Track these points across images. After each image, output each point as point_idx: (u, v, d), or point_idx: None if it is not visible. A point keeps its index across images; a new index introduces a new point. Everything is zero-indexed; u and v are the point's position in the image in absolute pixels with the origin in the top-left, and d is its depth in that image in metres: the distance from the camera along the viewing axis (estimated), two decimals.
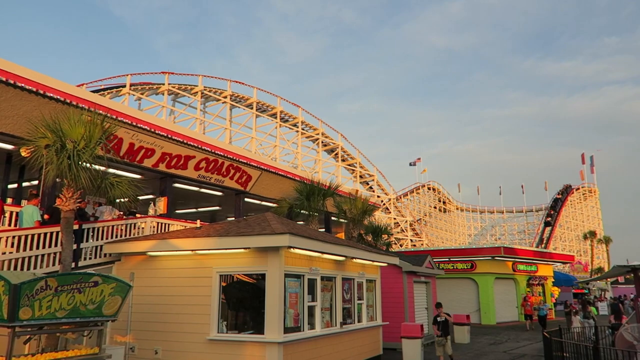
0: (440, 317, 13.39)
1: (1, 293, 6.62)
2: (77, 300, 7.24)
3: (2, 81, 10.92)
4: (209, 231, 10.98)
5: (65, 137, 9.03)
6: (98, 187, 9.75)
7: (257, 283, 10.21)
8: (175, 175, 16.53)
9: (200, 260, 10.55)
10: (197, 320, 10.13)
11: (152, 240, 10.98)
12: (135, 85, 38.18)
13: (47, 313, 6.92)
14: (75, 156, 8.93)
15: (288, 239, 9.46)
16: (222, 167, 18.05)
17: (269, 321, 9.55)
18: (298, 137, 48.57)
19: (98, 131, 9.41)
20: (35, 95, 11.63)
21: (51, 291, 6.91)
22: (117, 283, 7.88)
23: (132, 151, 14.51)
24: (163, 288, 10.77)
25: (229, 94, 42.81)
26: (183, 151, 16.15)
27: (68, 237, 9.37)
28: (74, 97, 12.47)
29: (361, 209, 20.76)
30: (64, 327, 7.75)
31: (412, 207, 69.61)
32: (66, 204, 9.32)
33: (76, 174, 8.99)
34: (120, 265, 11.60)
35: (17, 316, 6.56)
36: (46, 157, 8.88)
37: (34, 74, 11.74)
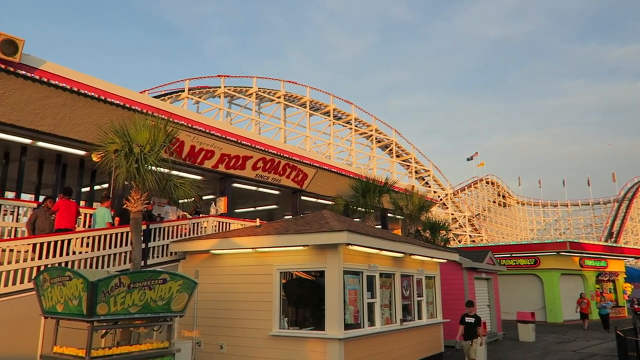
0: (469, 318, 11.78)
1: (80, 290, 7.07)
2: (148, 296, 7.61)
3: (75, 91, 11.64)
4: (268, 229, 11.22)
5: (132, 142, 9.51)
6: (163, 188, 10.18)
7: (316, 280, 10.32)
8: (234, 176, 16.98)
9: (260, 258, 10.80)
10: (259, 317, 10.38)
11: (215, 239, 11.36)
12: (193, 90, 39.47)
13: (121, 309, 7.31)
14: (142, 160, 9.37)
15: (346, 236, 9.50)
16: (278, 166, 18.35)
17: (329, 318, 9.63)
18: (351, 134, 48.52)
19: (162, 135, 9.83)
20: (103, 103, 12.30)
21: (124, 288, 7.31)
22: (184, 280, 8.21)
23: (193, 153, 15.05)
24: (226, 285, 11.11)
25: (282, 94, 43.40)
26: (241, 152, 16.56)
27: (137, 237, 9.86)
28: (138, 104, 13.08)
29: (418, 205, 20.49)
30: (137, 322, 8.18)
31: (470, 202, 67.76)
32: (134, 205, 9.82)
33: (143, 176, 9.44)
34: (185, 263, 12.08)
35: (95, 311, 6.98)
36: (115, 161, 9.38)
37: (102, 83, 12.42)
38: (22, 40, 10.31)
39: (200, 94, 39.98)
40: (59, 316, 7.60)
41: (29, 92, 10.91)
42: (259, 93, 42.21)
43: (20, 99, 10.84)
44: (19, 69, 10.59)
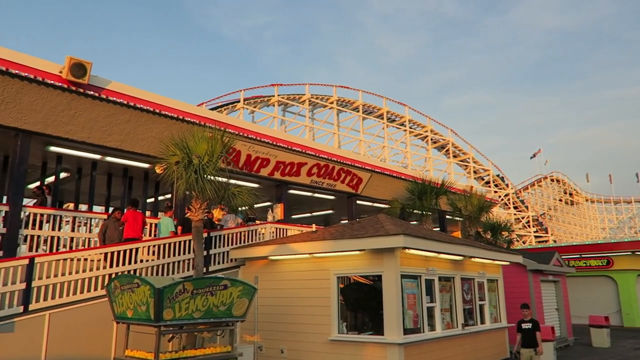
0: (525, 324, 10.50)
1: (148, 296, 7.44)
2: (210, 302, 7.90)
3: (138, 108, 12.28)
4: (324, 234, 11.32)
5: (192, 154, 9.91)
6: (222, 197, 10.53)
7: (374, 284, 10.29)
8: (289, 182, 17.25)
9: (317, 263, 10.91)
10: (318, 321, 10.47)
11: (272, 245, 11.59)
12: (248, 100, 40.48)
13: (185, 314, 7.64)
14: (201, 170, 9.74)
15: (402, 239, 9.42)
16: (332, 172, 18.46)
17: (387, 322, 9.57)
18: (406, 136, 47.95)
19: (219, 146, 10.17)
20: (164, 118, 12.90)
21: (188, 294, 7.62)
22: (244, 286, 8.44)
23: (250, 162, 15.45)
24: (285, 290, 11.30)
25: (335, 99, 43.63)
26: (295, 158, 16.81)
27: (199, 244, 10.25)
28: (196, 116, 13.61)
29: (477, 206, 19.93)
30: (201, 327, 8.51)
31: (534, 201, 64.98)
32: (195, 214, 10.21)
33: (202, 186, 9.80)
34: (245, 269, 12.40)
35: (161, 317, 7.33)
36: (176, 172, 9.81)
37: (162, 98, 13.04)
38: (90, 62, 11.02)
39: (255, 103, 40.93)
40: (129, 321, 8.04)
41: (97, 111, 11.63)
42: (311, 100, 42.65)
43: (89, 118, 11.58)
44: (87, 89, 11.32)
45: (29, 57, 10.57)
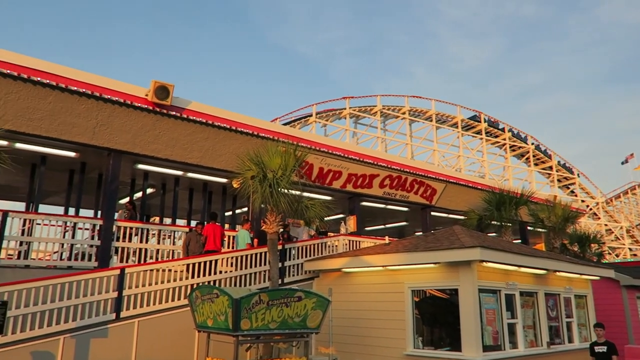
0: (599, 347, 9.22)
1: (226, 306, 7.74)
2: (285, 313, 8.05)
3: (216, 126, 12.91)
4: (397, 247, 11.19)
5: (266, 168, 10.23)
6: (295, 210, 10.75)
7: (450, 298, 10.00)
8: (361, 194, 17.26)
9: (391, 276, 10.79)
10: (393, 335, 10.32)
11: (346, 258, 11.63)
12: (320, 113, 41.12)
13: (262, 324, 7.84)
14: (275, 184, 10.01)
15: (479, 252, 9.10)
16: (405, 183, 18.24)
17: (465, 338, 9.24)
18: (482, 145, 46.33)
19: (292, 160, 10.42)
20: (240, 134, 13.45)
21: (264, 305, 7.83)
22: (317, 298, 8.53)
23: (322, 175, 15.66)
24: (358, 302, 11.27)
25: (407, 110, 43.19)
26: (367, 170, 16.81)
27: (274, 256, 10.51)
28: (270, 132, 14.06)
29: (562, 216, 18.79)
30: (276, 337, 8.69)
31: (627, 210, 60.07)
32: (270, 227, 10.50)
33: (277, 199, 10.07)
34: (319, 281, 12.52)
35: (239, 326, 7.59)
36: (252, 186, 10.16)
37: (238, 115, 13.62)
38: (172, 85, 11.76)
39: (327, 117, 41.48)
40: (209, 330, 8.39)
41: (179, 130, 12.37)
42: (383, 111, 42.50)
43: (172, 137, 12.34)
44: (170, 110, 12.08)
45: (118, 82, 11.48)
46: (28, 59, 10.17)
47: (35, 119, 10.43)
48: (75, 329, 8.84)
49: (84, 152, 11.88)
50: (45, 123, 10.56)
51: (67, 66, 10.72)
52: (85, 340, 8.88)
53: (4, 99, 9.91)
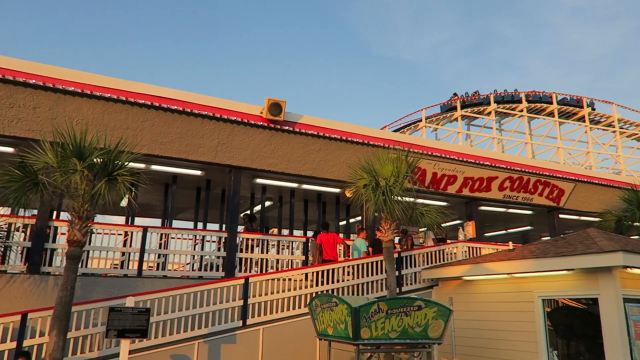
0: None
1: (345, 315, 7.79)
2: (405, 322, 7.88)
3: (327, 137, 13.19)
4: (523, 253, 10.44)
5: (378, 176, 10.18)
6: (410, 217, 10.55)
7: (588, 308, 9.06)
8: (479, 198, 16.46)
9: (517, 284, 10.08)
10: (523, 348, 9.60)
11: (466, 265, 11.12)
12: (429, 118, 40.18)
13: (381, 333, 7.75)
14: (388, 191, 9.92)
15: (621, 257, 8.14)
16: (528, 184, 17.04)
17: (610, 354, 8.29)
18: (616, 138, 41.77)
19: (404, 166, 10.26)
20: (350, 144, 13.60)
21: (383, 314, 7.75)
22: (438, 307, 8.23)
23: (436, 180, 15.21)
24: (482, 312, 10.69)
25: (524, 107, 40.50)
26: (484, 173, 16.00)
27: (390, 265, 10.38)
28: (380, 139, 14.02)
29: None
30: (397, 347, 8.54)
31: None
32: (385, 235, 10.40)
33: (390, 207, 9.96)
34: (438, 289, 12.11)
35: (359, 335, 7.58)
36: (365, 195, 10.17)
37: (347, 125, 13.80)
38: (284, 101, 12.27)
39: (437, 121, 40.41)
40: (330, 338, 8.49)
41: (292, 144, 12.83)
42: (497, 110, 40.31)
43: (286, 151, 12.84)
44: (283, 125, 12.60)
45: (236, 102, 12.24)
46: (159, 89, 11.27)
47: (166, 142, 11.49)
48: (207, 334, 9.51)
49: (208, 170, 12.83)
50: (175, 145, 11.58)
51: (190, 92, 11.70)
52: (216, 345, 9.50)
53: (140, 126, 11.07)
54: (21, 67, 9.85)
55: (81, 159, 7.77)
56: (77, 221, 7.83)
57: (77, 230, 7.78)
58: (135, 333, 7.60)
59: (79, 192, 7.87)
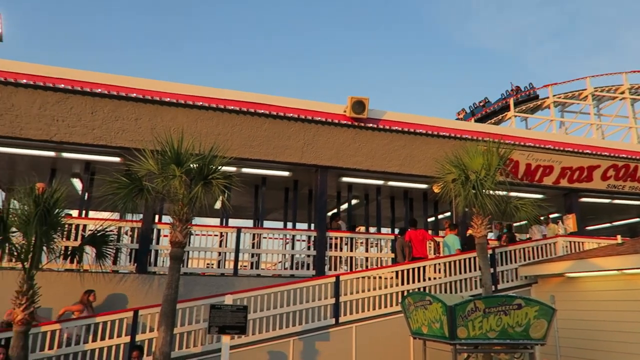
0: None
1: (440, 314, 7.59)
2: (504, 322, 7.53)
3: (412, 132, 12.97)
4: (635, 247, 9.57)
5: (467, 169, 9.81)
6: (503, 211, 10.07)
7: None
8: (579, 189, 15.33)
9: (631, 281, 9.25)
10: (637, 351, 8.80)
11: (568, 261, 10.41)
12: (517, 106, 38.13)
13: (479, 333, 7.47)
14: (479, 185, 9.53)
15: None
16: (635, 173, 15.59)
17: None
18: None
19: (495, 158, 9.81)
20: (436, 138, 13.25)
21: (480, 312, 7.46)
22: (540, 306, 7.77)
23: (530, 171, 14.39)
24: (587, 312, 9.94)
25: (626, 88, 37.21)
26: (584, 162, 14.88)
27: (484, 261, 9.96)
28: (467, 132, 13.51)
29: None
30: (496, 348, 8.17)
31: None
32: (477, 230, 10.00)
33: (482, 201, 9.56)
34: (537, 287, 11.46)
35: (455, 335, 7.36)
36: (454, 190, 9.85)
37: (432, 119, 13.46)
38: (367, 98, 12.22)
39: (526, 109, 38.26)
40: (425, 337, 8.33)
41: (377, 141, 12.75)
42: (595, 94, 37.37)
43: (371, 148, 12.78)
44: (367, 123, 12.55)
45: (319, 103, 12.38)
46: (246, 94, 11.69)
47: (255, 145, 11.89)
48: (301, 332, 9.72)
49: (295, 170, 13.10)
50: (263, 148, 11.95)
51: (275, 95, 12.02)
52: (311, 342, 9.69)
53: (230, 132, 11.56)
54: (123, 82, 10.66)
55: (179, 165, 8.25)
56: (178, 223, 8.33)
57: (179, 232, 8.28)
58: (235, 329, 7.96)
59: (178, 196, 8.38)
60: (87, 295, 9.31)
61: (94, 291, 9.41)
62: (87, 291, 9.37)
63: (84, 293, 9.33)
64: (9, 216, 7.85)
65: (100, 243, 9.05)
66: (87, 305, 9.25)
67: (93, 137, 10.71)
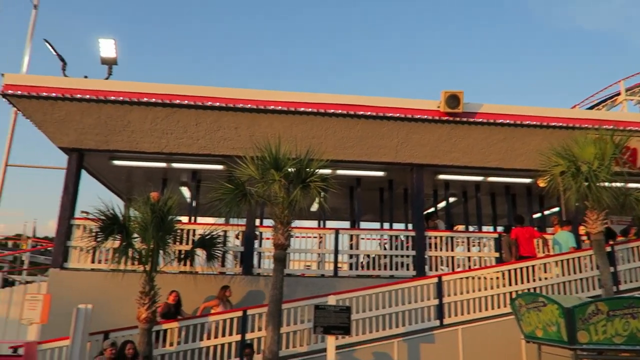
0: None
1: (556, 316, 7.09)
2: (633, 326, 6.86)
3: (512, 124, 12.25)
4: None
5: (577, 161, 9.10)
6: (622, 204, 9.23)
7: None
8: None
9: None
10: None
11: None
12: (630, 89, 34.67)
13: (603, 338, 6.87)
14: (592, 177, 8.80)
15: None
16: None
17: None
18: None
19: (609, 147, 9.02)
20: (539, 129, 12.39)
21: (603, 315, 6.86)
22: None
23: None
24: None
25: None
26: None
27: (602, 259, 9.15)
28: (575, 120, 12.49)
29: None
30: (623, 354, 7.46)
31: None
32: (593, 226, 9.22)
33: (597, 194, 8.83)
34: None
35: (575, 339, 6.84)
36: (562, 183, 9.18)
37: (535, 109, 12.59)
38: (462, 92, 11.76)
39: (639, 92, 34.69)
40: (539, 341, 7.82)
41: (474, 136, 12.24)
42: None
43: (468, 143, 12.29)
44: (462, 117, 12.09)
45: (412, 100, 12.11)
46: (337, 97, 11.72)
47: (348, 146, 11.94)
48: (405, 333, 9.58)
49: (389, 170, 12.98)
50: (357, 149, 11.97)
51: (366, 95, 11.98)
52: (415, 344, 9.52)
53: (324, 134, 11.72)
54: (223, 93, 11.19)
55: (278, 169, 8.54)
56: (280, 226, 8.62)
57: (281, 234, 8.56)
58: (339, 330, 8.04)
59: (278, 199, 8.67)
60: (224, 291, 9.97)
61: (229, 287, 10.05)
62: (223, 287, 10.04)
63: (220, 289, 10.04)
64: (130, 223, 8.62)
65: (210, 246, 9.63)
66: (223, 300, 9.86)
67: (198, 147, 11.40)
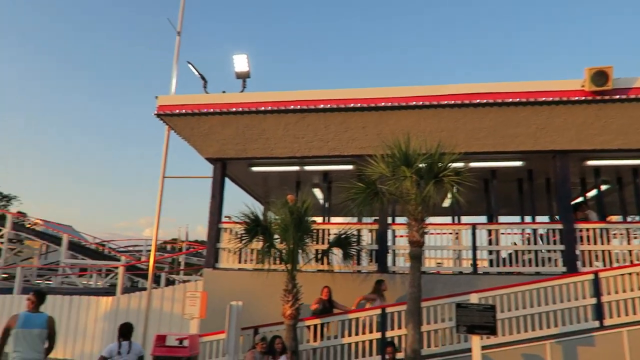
0: None
1: None
2: None
3: None
4: None
5: None
6: None
7: None
8: None
9: None
10: None
11: None
12: None
13: None
14: None
15: None
16: None
17: None
18: None
19: None
20: None
21: None
22: None
23: None
24: None
25: None
26: None
27: None
28: None
29: None
30: None
31: None
32: None
33: None
34: None
35: None
36: None
37: None
38: (611, 67, 10.48)
39: None
40: None
41: (628, 114, 10.83)
42: None
43: (621, 123, 10.92)
44: (612, 95, 10.78)
45: (549, 82, 11.10)
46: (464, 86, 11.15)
47: (481, 137, 11.35)
48: (558, 334, 8.81)
49: (528, 159, 12.08)
50: (490, 139, 11.34)
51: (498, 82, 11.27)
52: (570, 347, 8.71)
53: (453, 127, 11.28)
54: (349, 94, 11.35)
55: (408, 165, 8.41)
56: (414, 223, 8.48)
57: (415, 232, 8.42)
58: (484, 329, 7.66)
59: (410, 196, 8.54)
60: (379, 285, 10.16)
61: (384, 281, 10.23)
62: (378, 281, 10.27)
63: (375, 283, 10.24)
64: (271, 225, 9.15)
65: (345, 245, 9.83)
66: (379, 294, 10.08)
67: (328, 149, 11.72)
